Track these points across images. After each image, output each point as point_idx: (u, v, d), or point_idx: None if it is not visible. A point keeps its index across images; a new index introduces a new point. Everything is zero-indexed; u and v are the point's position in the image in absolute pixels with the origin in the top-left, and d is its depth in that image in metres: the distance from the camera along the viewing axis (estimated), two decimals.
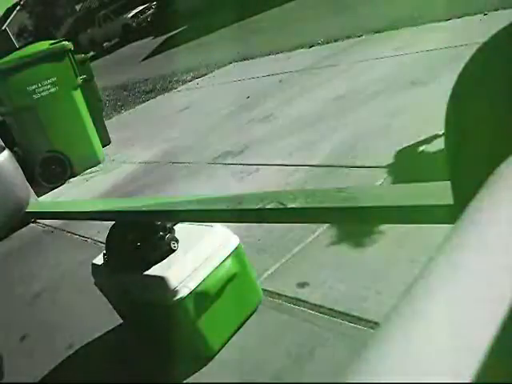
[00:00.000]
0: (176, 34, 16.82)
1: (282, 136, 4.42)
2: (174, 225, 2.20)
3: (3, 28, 38.69)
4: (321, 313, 2.13)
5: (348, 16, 8.27)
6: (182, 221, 2.20)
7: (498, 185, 0.30)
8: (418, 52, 5.11)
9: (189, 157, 4.95)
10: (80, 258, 3.54)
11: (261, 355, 2.07)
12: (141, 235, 2.13)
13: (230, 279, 2.16)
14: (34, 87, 5.41)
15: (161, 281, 2.01)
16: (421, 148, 3.15)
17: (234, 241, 2.22)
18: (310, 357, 1.93)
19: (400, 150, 3.24)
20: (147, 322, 2.30)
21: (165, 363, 2.21)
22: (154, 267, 2.08)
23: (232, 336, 2.20)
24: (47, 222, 4.60)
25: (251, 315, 2.28)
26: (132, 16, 24.71)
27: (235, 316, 2.24)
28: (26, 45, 6.12)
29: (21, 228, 4.67)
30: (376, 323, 1.91)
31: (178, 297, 2.00)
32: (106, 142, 6.35)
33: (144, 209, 1.40)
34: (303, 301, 2.25)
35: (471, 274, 0.23)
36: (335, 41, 7.17)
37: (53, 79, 5.48)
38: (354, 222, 2.12)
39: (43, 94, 5.46)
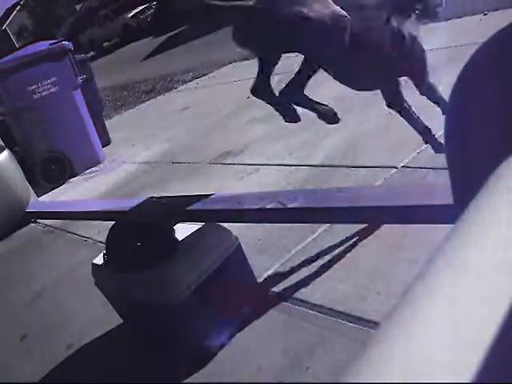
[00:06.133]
0: (176, 33, 16.81)
1: (282, 136, 4.42)
2: (174, 225, 2.20)
3: (3, 28, 38.67)
4: (321, 313, 2.13)
5: None
6: (182, 221, 2.20)
7: (498, 185, 0.30)
8: None
9: (189, 157, 4.95)
10: (80, 257, 3.54)
11: (261, 355, 2.06)
12: (141, 235, 2.13)
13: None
14: (33, 87, 5.40)
15: (161, 281, 2.01)
16: (420, 148, 3.15)
17: (233, 241, 2.22)
18: (309, 357, 1.93)
19: (399, 150, 3.24)
20: (147, 322, 2.30)
21: (165, 363, 2.21)
22: (154, 267, 2.08)
23: (232, 336, 2.20)
24: (47, 221, 4.59)
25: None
26: (132, 16, 24.69)
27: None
28: (25, 45, 6.12)
29: (21, 228, 4.67)
30: (376, 323, 1.91)
31: (177, 297, 2.00)
32: (106, 142, 6.34)
33: (144, 209, 1.40)
34: (303, 301, 2.25)
35: (471, 274, 0.23)
36: None
37: (53, 79, 5.47)
38: (354, 222, 2.12)
39: (43, 93, 5.45)
